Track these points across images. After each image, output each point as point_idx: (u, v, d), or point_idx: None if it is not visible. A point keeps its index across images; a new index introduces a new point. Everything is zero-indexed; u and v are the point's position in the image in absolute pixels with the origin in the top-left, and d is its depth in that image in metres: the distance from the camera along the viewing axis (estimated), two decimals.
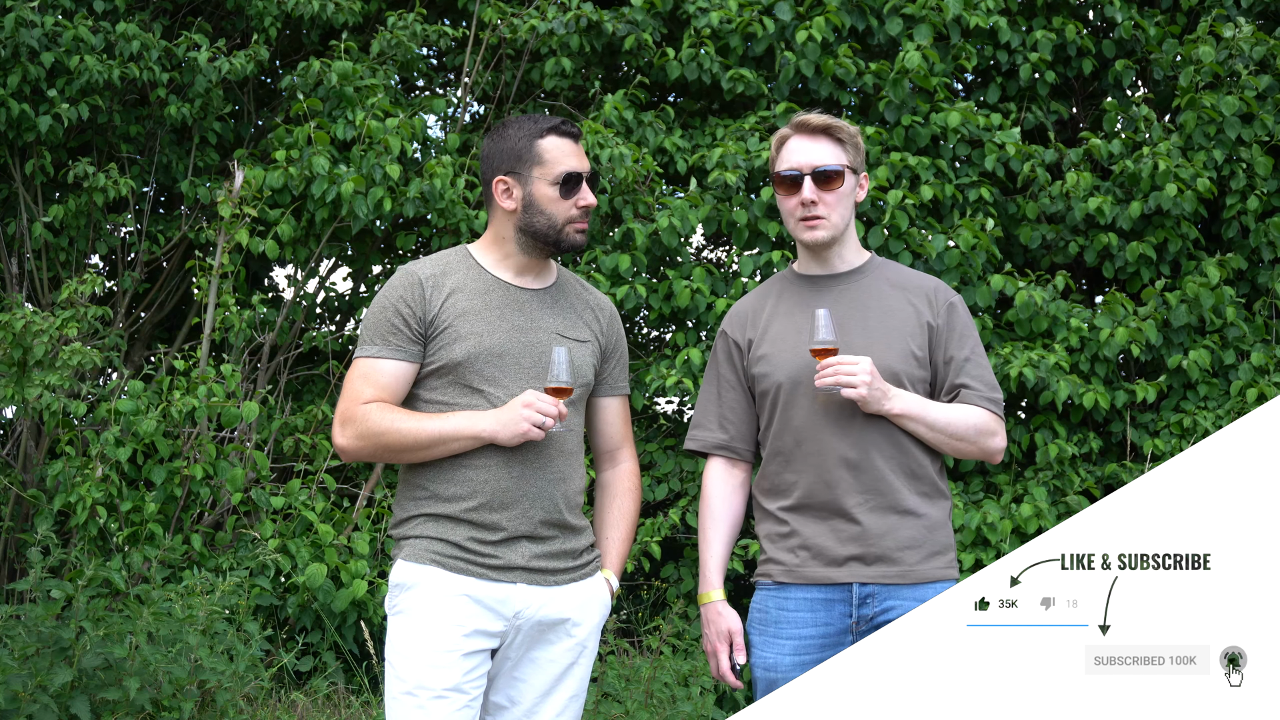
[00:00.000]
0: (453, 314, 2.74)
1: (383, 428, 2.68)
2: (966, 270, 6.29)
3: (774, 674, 2.82)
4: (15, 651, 4.26)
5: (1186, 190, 6.33)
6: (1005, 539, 5.93)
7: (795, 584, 2.83)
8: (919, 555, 2.81)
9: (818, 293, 2.92)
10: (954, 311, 2.93)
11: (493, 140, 2.84)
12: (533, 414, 2.66)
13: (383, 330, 2.74)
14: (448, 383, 2.74)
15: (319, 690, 5.30)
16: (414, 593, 2.70)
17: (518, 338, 2.76)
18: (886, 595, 2.78)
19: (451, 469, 2.72)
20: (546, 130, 2.79)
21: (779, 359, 2.89)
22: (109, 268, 7.24)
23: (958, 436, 2.83)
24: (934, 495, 2.87)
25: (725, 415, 2.99)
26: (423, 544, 2.72)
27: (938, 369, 2.90)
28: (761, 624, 2.88)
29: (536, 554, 2.73)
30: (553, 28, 6.53)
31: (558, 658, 2.78)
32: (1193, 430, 6.19)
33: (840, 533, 2.80)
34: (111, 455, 5.40)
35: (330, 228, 6.21)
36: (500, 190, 2.80)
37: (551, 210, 2.78)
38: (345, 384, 2.78)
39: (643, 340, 7.38)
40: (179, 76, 6.42)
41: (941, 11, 6.56)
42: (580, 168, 2.80)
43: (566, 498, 2.80)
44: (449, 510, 2.72)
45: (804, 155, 2.88)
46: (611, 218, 6.46)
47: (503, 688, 2.78)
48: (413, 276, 2.77)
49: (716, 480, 2.99)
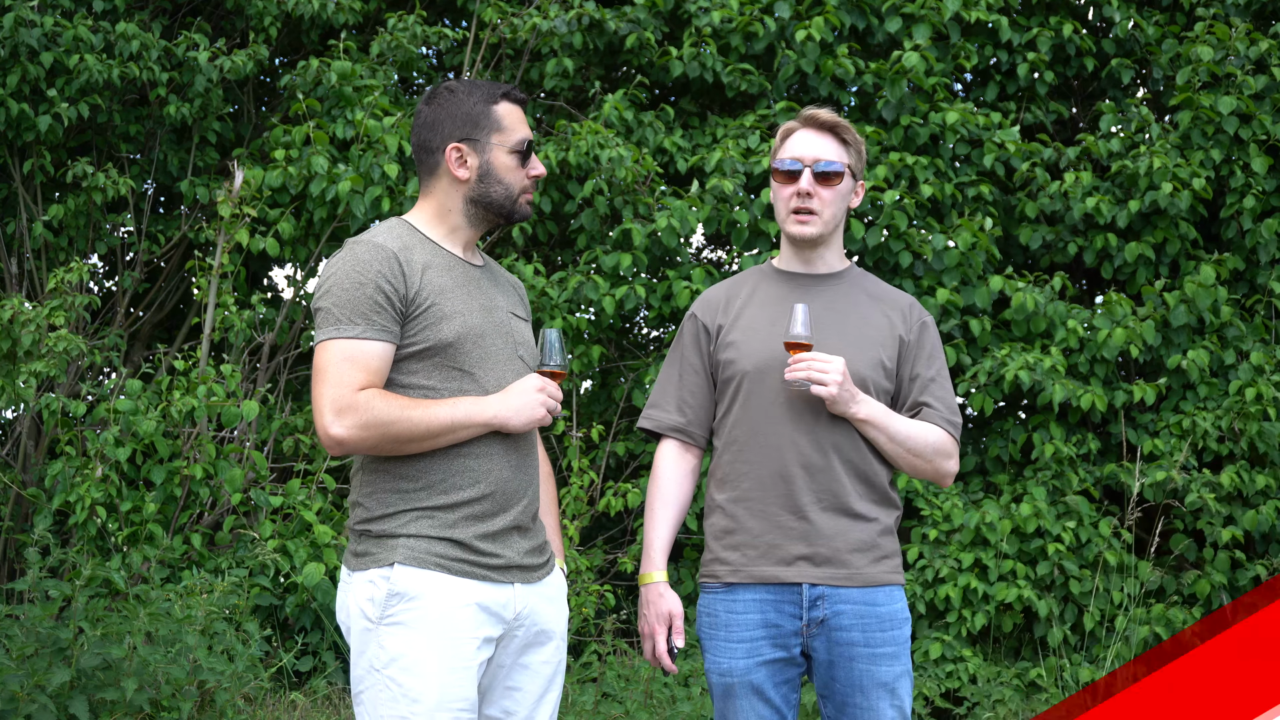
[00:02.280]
0: (432, 291, 2.55)
1: (391, 416, 2.45)
2: (966, 270, 6.29)
3: (729, 678, 2.79)
4: (13, 652, 4.26)
5: (1183, 190, 6.33)
6: (1004, 539, 5.93)
7: (743, 584, 2.80)
8: (867, 559, 2.79)
9: (796, 290, 2.91)
10: (925, 330, 2.93)
11: (440, 105, 2.65)
12: (546, 398, 2.56)
13: (363, 308, 2.48)
14: (433, 365, 2.54)
15: (318, 690, 5.30)
16: (420, 604, 2.48)
17: (487, 317, 2.62)
18: (837, 598, 2.76)
19: (450, 459, 2.53)
20: (500, 96, 2.66)
21: (747, 347, 2.86)
22: (109, 267, 7.24)
23: (915, 452, 2.82)
24: (884, 503, 2.86)
25: (684, 398, 2.95)
26: (423, 545, 2.50)
27: (902, 384, 2.90)
28: (711, 628, 2.84)
29: (526, 549, 2.62)
30: (554, 27, 6.53)
31: (549, 658, 2.69)
32: (1192, 430, 6.19)
33: (789, 530, 2.77)
34: (111, 455, 5.41)
35: (329, 227, 6.21)
36: (454, 158, 2.62)
37: (509, 179, 2.64)
38: (324, 369, 2.48)
39: (642, 340, 7.37)
40: (179, 76, 6.42)
41: (940, 12, 6.56)
42: (531, 135, 2.71)
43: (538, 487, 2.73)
44: (447, 501, 2.52)
45: (807, 148, 2.87)
46: (611, 218, 6.46)
47: (498, 699, 2.64)
48: (384, 250, 2.53)
49: (668, 463, 2.95)
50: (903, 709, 2.80)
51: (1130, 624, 5.89)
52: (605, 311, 6.10)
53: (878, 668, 2.77)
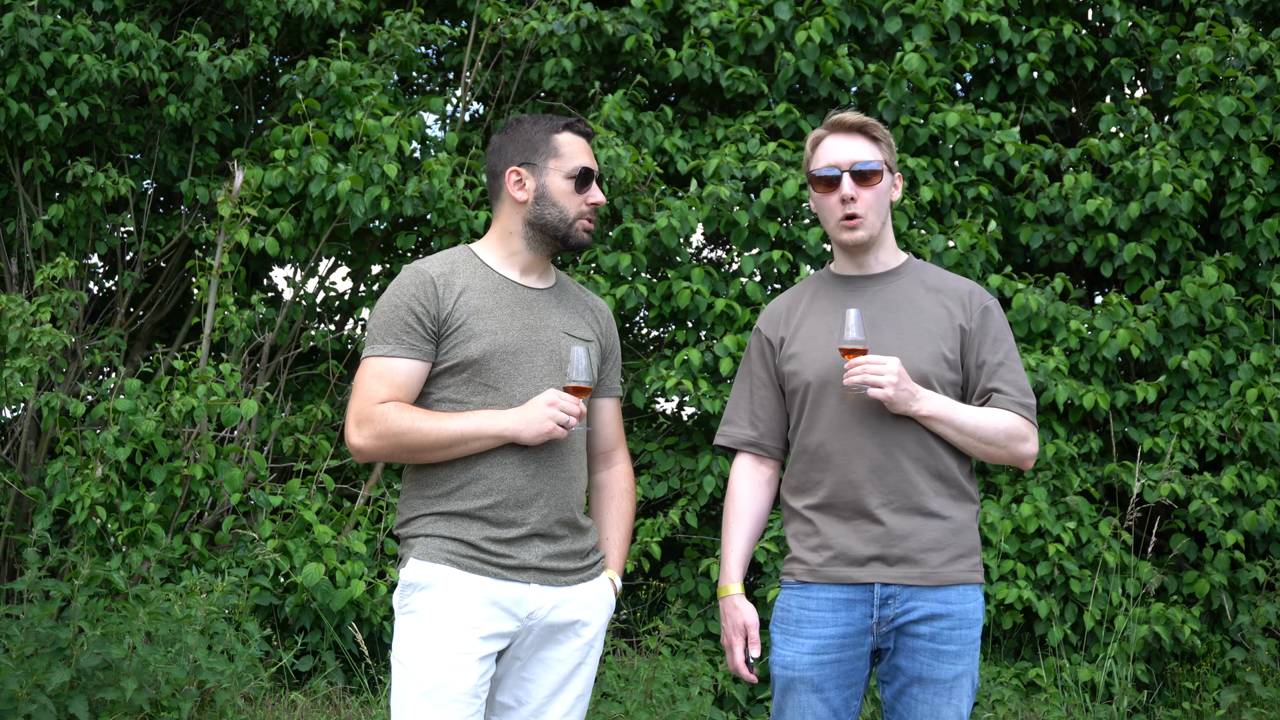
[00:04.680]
0: (466, 312, 2.72)
1: (403, 427, 2.65)
2: (965, 271, 6.29)
3: (791, 672, 2.83)
4: (13, 652, 4.25)
5: (1183, 190, 6.33)
6: (1005, 539, 5.93)
7: (818, 583, 2.84)
8: (942, 557, 2.80)
9: (852, 293, 2.93)
10: (988, 315, 2.92)
11: (506, 133, 2.85)
12: (557, 413, 2.66)
13: (395, 329, 2.71)
14: (462, 381, 2.72)
15: (318, 690, 5.30)
16: (429, 593, 2.66)
17: (529, 336, 2.76)
18: (909, 596, 2.78)
19: (466, 467, 2.70)
20: (563, 126, 2.83)
21: (809, 358, 2.89)
22: (109, 267, 7.24)
23: (987, 440, 2.82)
24: (960, 498, 2.86)
25: (756, 412, 3.00)
26: (435, 543, 2.69)
27: (969, 373, 2.89)
28: (783, 622, 2.88)
29: (549, 554, 2.73)
30: (553, 29, 6.53)
31: (566, 657, 2.78)
32: (1193, 430, 6.19)
33: (864, 533, 2.80)
34: (111, 455, 5.40)
35: (329, 227, 6.20)
36: (513, 181, 2.81)
37: (564, 203, 2.79)
38: (357, 383, 2.74)
39: (643, 340, 7.37)
40: (178, 76, 6.42)
41: (940, 12, 6.55)
42: (593, 166, 2.84)
43: (577, 497, 2.81)
44: (463, 508, 2.69)
45: (841, 153, 2.89)
46: (611, 218, 6.46)
47: (510, 688, 2.77)
48: (423, 275, 2.74)
49: (743, 476, 3.01)
50: (959, 710, 2.80)
51: (1130, 624, 5.89)
52: None
53: (940, 664, 2.79)
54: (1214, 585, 6.07)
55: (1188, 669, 6.10)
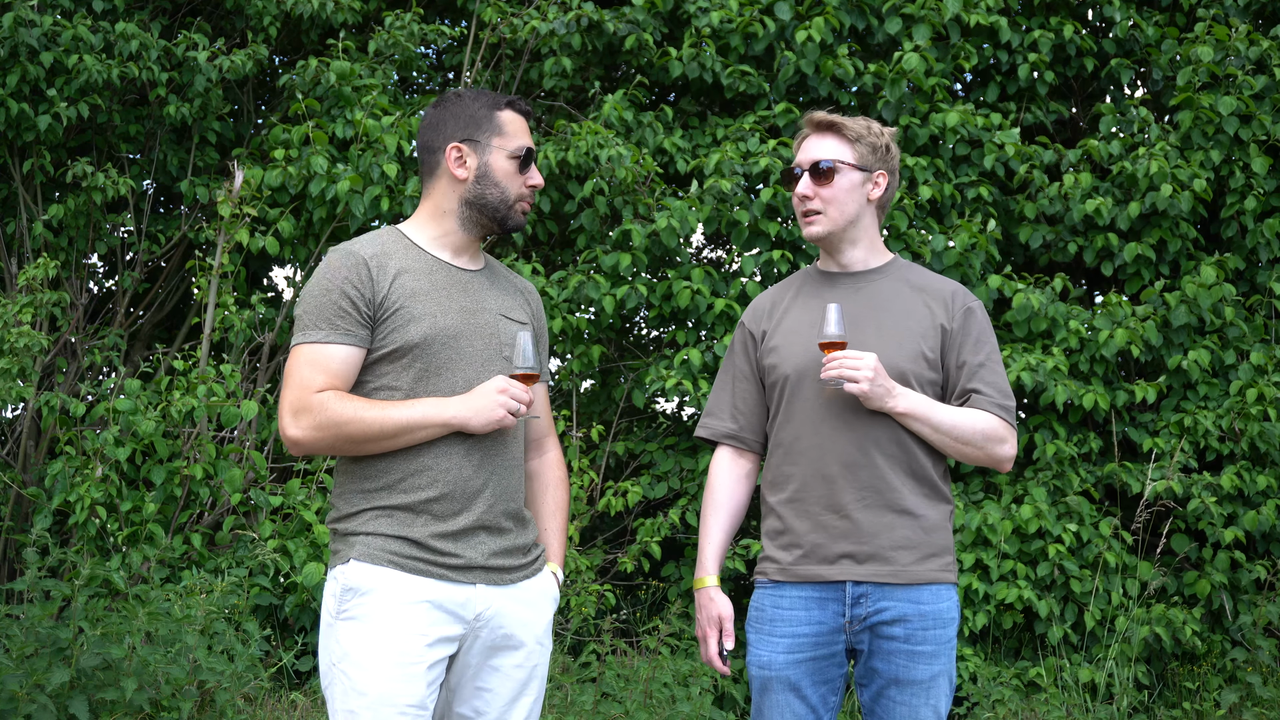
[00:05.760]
0: (403, 295, 2.59)
1: (345, 417, 2.51)
2: (965, 270, 6.29)
3: (768, 672, 2.83)
4: (13, 651, 4.25)
5: (1183, 190, 6.33)
6: (1005, 539, 5.93)
7: (790, 582, 2.83)
8: (913, 556, 2.80)
9: (834, 289, 2.93)
10: (971, 316, 2.91)
11: (445, 107, 2.72)
12: (508, 400, 2.57)
13: (328, 314, 2.56)
14: (402, 367, 2.58)
15: (318, 690, 5.30)
16: (371, 598, 2.52)
17: (468, 319, 2.65)
18: (880, 596, 2.78)
19: (408, 458, 2.57)
20: (506, 104, 2.72)
21: (788, 351, 2.89)
22: (109, 267, 7.24)
23: (963, 440, 2.81)
24: (934, 497, 2.85)
25: (737, 405, 3.00)
26: (378, 542, 2.55)
27: (950, 373, 2.89)
28: (758, 622, 2.89)
29: (494, 550, 2.62)
30: (554, 28, 6.53)
31: (522, 662, 2.68)
32: (1193, 430, 6.19)
33: (832, 529, 2.79)
34: (111, 455, 5.40)
35: (329, 227, 6.21)
36: (453, 157, 2.67)
37: (506, 184, 2.68)
38: (289, 372, 2.57)
39: (643, 340, 7.37)
40: (178, 76, 6.42)
41: (940, 13, 6.55)
42: (534, 146, 2.75)
43: (519, 487, 2.73)
44: (406, 501, 2.56)
45: (806, 151, 2.92)
46: (611, 218, 6.46)
47: (467, 699, 2.66)
48: (355, 256, 2.59)
49: (722, 468, 3.01)
50: (937, 709, 2.80)
51: (1130, 624, 5.89)
52: (605, 311, 6.10)
53: (915, 665, 2.78)
54: (1214, 585, 6.07)
55: (1188, 669, 6.10)
